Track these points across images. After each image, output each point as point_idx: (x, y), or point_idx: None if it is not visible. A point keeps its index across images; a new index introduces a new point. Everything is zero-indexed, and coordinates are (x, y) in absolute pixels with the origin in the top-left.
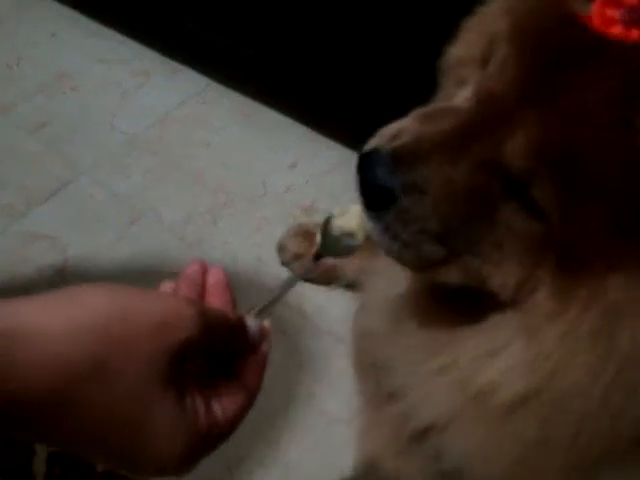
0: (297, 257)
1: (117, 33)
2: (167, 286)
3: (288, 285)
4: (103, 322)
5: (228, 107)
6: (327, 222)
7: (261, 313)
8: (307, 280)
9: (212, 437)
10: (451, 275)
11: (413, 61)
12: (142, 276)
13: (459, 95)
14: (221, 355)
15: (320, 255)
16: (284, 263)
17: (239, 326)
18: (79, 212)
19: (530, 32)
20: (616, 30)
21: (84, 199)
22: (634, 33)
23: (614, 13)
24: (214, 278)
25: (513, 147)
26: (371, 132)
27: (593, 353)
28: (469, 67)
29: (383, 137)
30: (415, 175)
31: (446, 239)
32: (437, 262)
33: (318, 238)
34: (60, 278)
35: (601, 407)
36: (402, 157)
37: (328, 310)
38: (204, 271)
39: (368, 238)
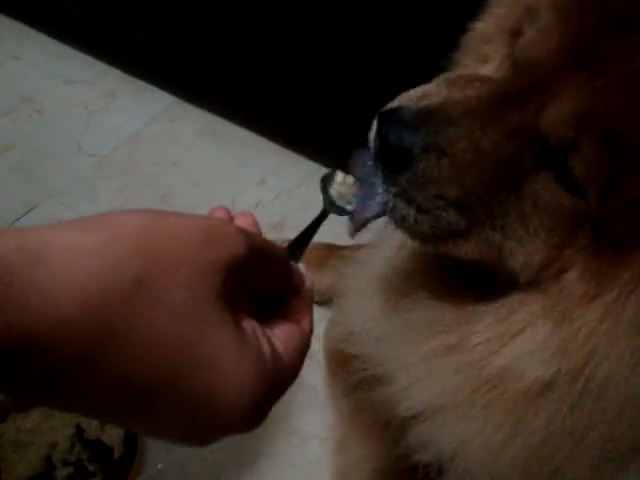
0: None
1: (82, 53)
2: None
3: (316, 222)
4: (142, 235)
5: (196, 124)
6: (325, 180)
7: (294, 250)
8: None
9: (278, 375)
10: (468, 250)
11: (381, 77)
12: None
13: (481, 71)
14: (269, 293)
15: (326, 211)
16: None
17: (284, 260)
18: None
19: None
20: None
21: (51, 222)
22: None
23: None
24: (242, 222)
25: (555, 113)
26: (339, 147)
27: (636, 340)
28: (495, 43)
29: (408, 98)
30: (440, 136)
31: (466, 209)
32: (455, 234)
33: (323, 195)
34: None
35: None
36: (429, 117)
37: None
38: (231, 217)
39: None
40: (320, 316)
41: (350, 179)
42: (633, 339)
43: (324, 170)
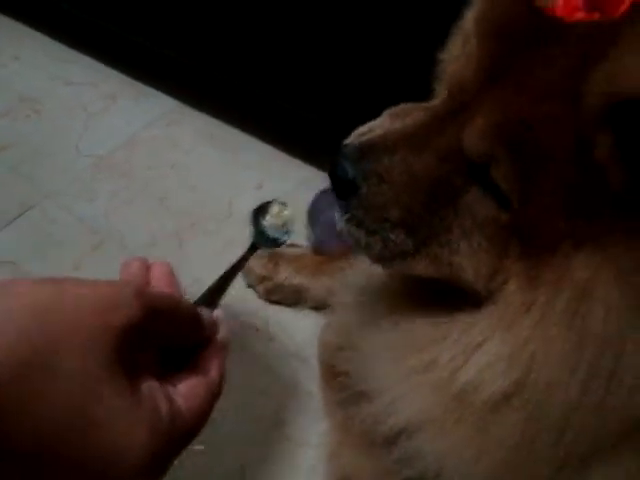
0: (262, 279)
1: (82, 55)
2: None
3: (231, 273)
4: (38, 310)
5: (194, 128)
6: (257, 212)
7: (209, 303)
8: (273, 302)
9: (177, 430)
10: (421, 267)
11: (379, 81)
12: None
13: (448, 74)
14: (177, 347)
15: (255, 245)
16: (250, 285)
17: (192, 314)
18: (41, 237)
19: (493, 22)
20: (579, 15)
21: (47, 224)
22: (595, 16)
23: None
24: (158, 271)
25: (472, 131)
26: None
27: (567, 340)
28: None
29: (355, 135)
30: (378, 164)
31: (411, 229)
32: (406, 253)
33: (251, 228)
34: None
35: (583, 398)
36: (369, 149)
37: (294, 332)
38: (147, 267)
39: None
40: (315, 322)
41: (287, 210)
42: (564, 341)
43: (322, 174)
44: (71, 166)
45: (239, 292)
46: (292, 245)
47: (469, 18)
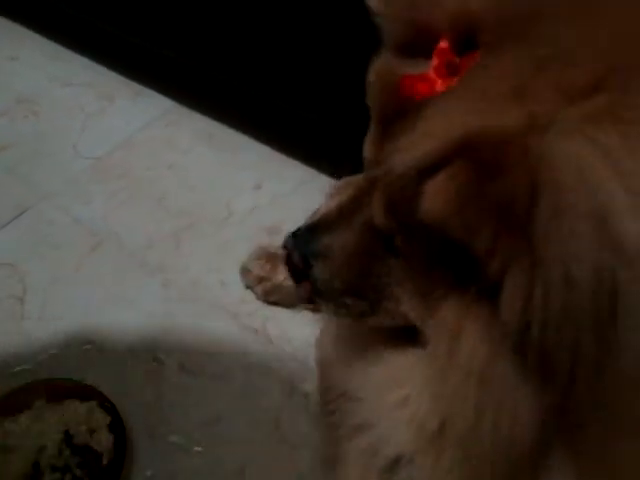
0: (261, 280)
1: (80, 56)
2: None
3: None
4: None
5: (192, 129)
6: None
7: None
8: (271, 303)
9: None
10: (381, 320)
11: None
12: (101, 302)
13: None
14: None
15: None
16: (248, 286)
17: None
18: (39, 239)
19: (378, 102)
20: (440, 87)
21: (44, 225)
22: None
23: (438, 69)
24: None
25: (375, 207)
26: (335, 153)
27: (454, 376)
28: None
29: (308, 217)
30: (320, 244)
31: (360, 293)
32: (364, 312)
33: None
34: (20, 308)
35: (479, 427)
36: (312, 231)
37: (292, 333)
38: None
39: None
40: (313, 323)
41: None
42: (453, 378)
43: (320, 176)
44: (69, 167)
45: (238, 293)
46: None
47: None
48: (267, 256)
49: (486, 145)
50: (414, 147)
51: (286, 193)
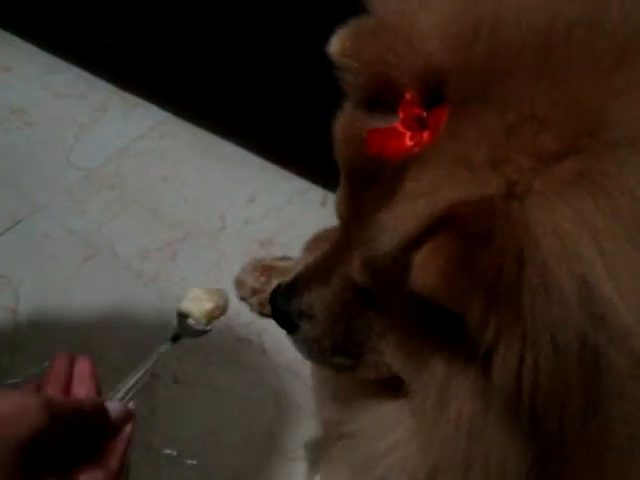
0: (255, 292)
1: (74, 66)
2: (29, 386)
3: (151, 360)
4: None
5: (186, 141)
6: (178, 307)
7: (126, 393)
8: (266, 315)
9: None
10: (366, 373)
11: None
12: (98, 315)
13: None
14: (80, 440)
15: (178, 336)
16: (242, 298)
17: (97, 412)
18: (32, 250)
19: (345, 157)
20: (409, 141)
21: (38, 236)
22: (425, 140)
23: (406, 123)
24: (80, 368)
25: (354, 265)
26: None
27: (443, 429)
28: None
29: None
30: (302, 301)
31: (345, 350)
32: (351, 367)
33: (175, 322)
34: (13, 319)
35: (466, 476)
36: (292, 288)
37: (288, 346)
38: (72, 362)
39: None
40: None
41: (210, 303)
42: (442, 431)
43: (315, 188)
44: (62, 178)
45: (232, 305)
46: (284, 258)
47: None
48: (262, 268)
49: (471, 217)
50: (399, 224)
51: (280, 205)
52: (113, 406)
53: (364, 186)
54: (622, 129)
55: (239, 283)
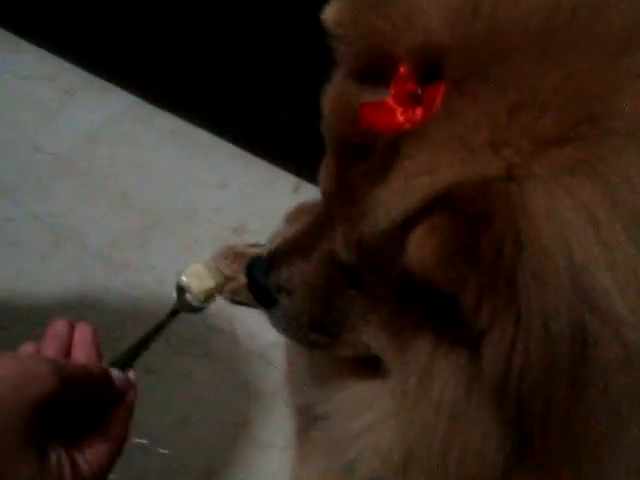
0: (227, 279)
1: (41, 49)
2: (29, 347)
3: (148, 337)
4: None
5: (156, 126)
6: (178, 280)
7: (127, 362)
8: (237, 302)
9: None
10: (343, 351)
11: None
12: (66, 302)
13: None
14: (87, 408)
15: (176, 311)
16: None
17: (103, 379)
18: None
19: (333, 130)
20: (401, 116)
21: (3, 223)
22: (417, 116)
23: (398, 97)
24: (81, 334)
25: (338, 241)
26: (301, 151)
27: (423, 411)
28: None
29: (268, 242)
30: (281, 276)
31: (323, 327)
32: (326, 344)
33: (174, 295)
34: None
35: (446, 460)
36: (271, 261)
37: (260, 334)
38: (71, 328)
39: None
40: None
41: (211, 281)
42: (423, 410)
43: (287, 175)
44: (28, 163)
45: None
46: (256, 245)
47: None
48: (234, 255)
49: (469, 198)
50: (396, 201)
51: (252, 192)
52: (116, 374)
53: (352, 160)
54: (623, 118)
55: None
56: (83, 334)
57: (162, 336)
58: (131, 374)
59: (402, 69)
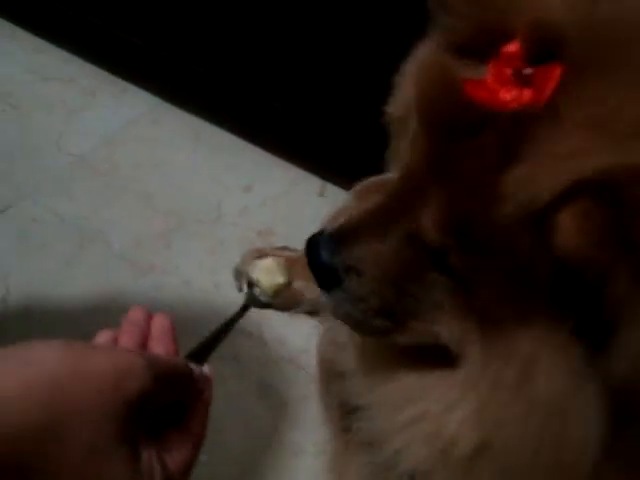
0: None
1: (62, 50)
2: (105, 335)
3: (222, 329)
4: (57, 382)
5: (179, 127)
6: (249, 275)
7: (201, 356)
8: (267, 306)
9: None
10: (404, 339)
11: (368, 82)
12: (92, 305)
13: (402, 149)
14: (171, 405)
15: (247, 306)
16: (241, 289)
17: (187, 373)
18: (22, 238)
19: (428, 104)
20: (506, 95)
21: (27, 224)
22: (525, 97)
23: (503, 75)
24: (159, 325)
25: (426, 222)
26: (326, 154)
27: (518, 406)
28: (403, 124)
29: (329, 219)
30: (351, 256)
31: (390, 312)
32: (388, 331)
33: (245, 289)
34: (3, 309)
35: (536, 458)
36: (339, 238)
37: (289, 338)
38: (148, 317)
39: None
40: (310, 327)
41: (282, 277)
42: (516, 406)
43: (311, 177)
44: (51, 164)
45: (231, 295)
46: (285, 248)
47: (409, 73)
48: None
49: (625, 184)
50: (544, 183)
51: (277, 195)
52: (196, 369)
53: (455, 137)
54: None
55: (238, 274)
56: (161, 324)
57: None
58: (206, 369)
59: (512, 47)
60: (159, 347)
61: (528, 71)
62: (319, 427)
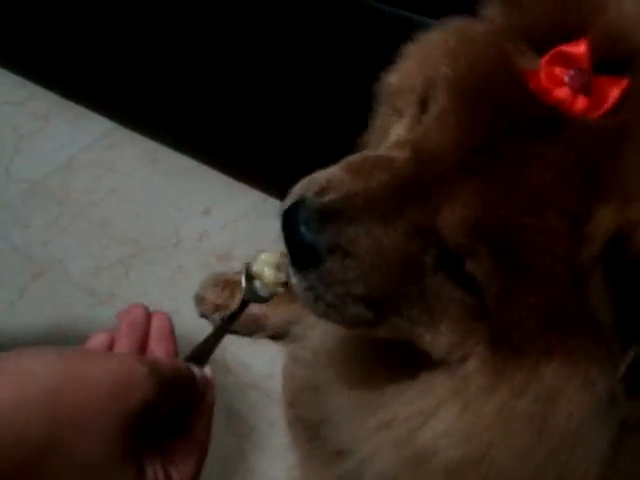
0: (217, 308)
1: (11, 73)
2: (101, 337)
3: (221, 329)
4: (55, 392)
5: (135, 152)
6: (248, 267)
7: (202, 358)
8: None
9: None
10: (381, 333)
11: (330, 105)
12: (49, 336)
13: (394, 128)
14: (174, 411)
15: (246, 301)
16: (203, 315)
17: (190, 377)
18: None
19: (473, 88)
20: (561, 93)
21: None
22: (580, 102)
23: (562, 73)
24: (158, 324)
25: (450, 219)
26: (285, 175)
27: (526, 436)
28: (406, 97)
29: (310, 188)
30: (342, 236)
31: (373, 304)
32: (366, 322)
33: (243, 283)
34: None
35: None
36: (330, 215)
37: (252, 363)
38: (148, 316)
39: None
40: (274, 352)
41: (273, 257)
42: (524, 435)
43: (271, 199)
44: (1, 191)
45: (192, 322)
46: None
47: (433, 46)
48: (224, 283)
49: None
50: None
51: (236, 218)
52: (197, 372)
53: (512, 132)
54: None
55: (200, 300)
56: (161, 324)
57: None
58: (208, 371)
59: (579, 48)
60: (159, 349)
61: (585, 77)
62: (286, 453)
